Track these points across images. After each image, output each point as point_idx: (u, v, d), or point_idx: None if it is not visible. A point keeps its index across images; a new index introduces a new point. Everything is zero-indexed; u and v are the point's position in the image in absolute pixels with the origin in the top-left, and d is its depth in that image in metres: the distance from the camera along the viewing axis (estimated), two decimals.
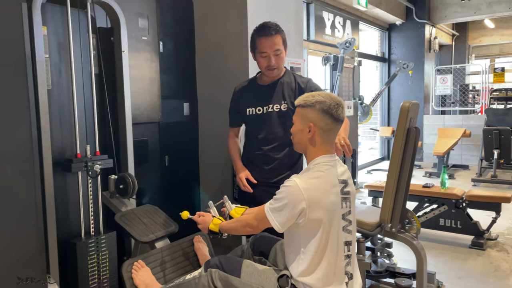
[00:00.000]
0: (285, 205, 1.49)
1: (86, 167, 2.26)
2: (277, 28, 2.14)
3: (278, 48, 2.12)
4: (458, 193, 3.71)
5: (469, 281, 2.95)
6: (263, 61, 2.15)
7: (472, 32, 12.65)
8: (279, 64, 2.15)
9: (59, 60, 2.33)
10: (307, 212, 1.46)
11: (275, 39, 2.11)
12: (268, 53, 2.13)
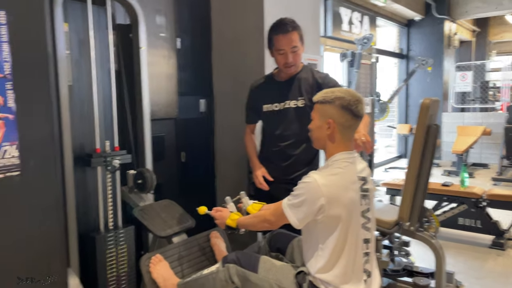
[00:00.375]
0: (304, 201, 1.48)
1: (105, 162, 2.29)
2: (293, 24, 2.13)
3: (295, 45, 2.11)
4: (478, 192, 3.64)
5: (488, 282, 2.90)
6: (281, 58, 2.15)
7: (493, 28, 12.36)
8: (296, 61, 2.14)
9: (80, 56, 2.36)
10: (326, 208, 1.45)
11: (292, 36, 2.11)
12: (285, 50, 2.12)
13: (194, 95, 3.67)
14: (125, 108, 2.52)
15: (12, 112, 1.72)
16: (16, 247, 1.74)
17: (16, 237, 1.75)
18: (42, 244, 1.84)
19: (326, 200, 1.45)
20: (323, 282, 1.50)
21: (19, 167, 1.74)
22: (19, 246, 1.75)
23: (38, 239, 1.83)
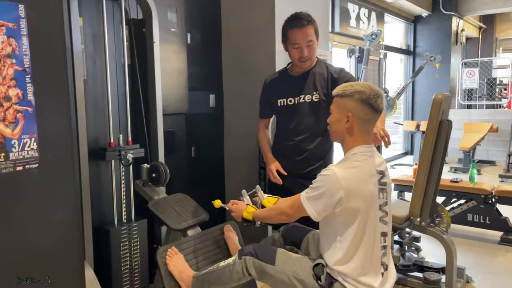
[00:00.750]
0: (323, 193, 1.49)
1: (119, 156, 2.31)
2: (309, 18, 2.13)
3: (311, 39, 2.11)
4: (487, 188, 3.64)
5: (498, 277, 2.90)
6: (296, 52, 2.15)
7: (499, 24, 12.29)
8: (311, 55, 2.15)
9: (94, 51, 2.38)
10: (344, 201, 1.46)
11: (308, 30, 2.10)
12: (300, 45, 2.12)
13: (204, 90, 3.69)
14: (138, 103, 2.53)
15: (31, 105, 1.74)
16: (34, 238, 1.76)
17: (35, 229, 1.77)
18: (59, 236, 1.86)
19: (345, 193, 1.46)
20: (341, 273, 1.51)
21: (37, 160, 1.76)
22: (37, 238, 1.77)
23: (55, 231, 1.85)
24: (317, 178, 1.55)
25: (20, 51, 1.69)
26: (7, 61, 1.65)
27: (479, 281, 2.82)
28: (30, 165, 1.74)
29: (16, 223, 1.66)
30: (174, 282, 1.89)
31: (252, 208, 1.81)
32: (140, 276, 2.55)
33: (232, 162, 3.75)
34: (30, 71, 1.73)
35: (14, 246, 1.65)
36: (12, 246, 1.64)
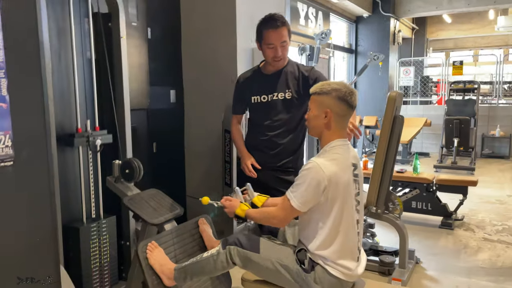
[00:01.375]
0: (309, 184, 1.59)
1: (87, 142, 2.28)
2: (283, 20, 2.23)
3: (285, 40, 2.22)
4: (429, 178, 3.98)
5: (442, 258, 3.22)
6: (270, 52, 2.24)
7: (430, 26, 13.24)
8: (285, 55, 2.25)
9: (59, 45, 2.31)
10: (328, 189, 1.59)
11: (282, 31, 2.21)
12: (275, 45, 2.21)
13: (165, 86, 3.69)
14: (106, 98, 2.50)
15: (5, 101, 1.68)
16: (7, 240, 1.70)
17: (8, 230, 1.72)
18: (34, 236, 1.82)
19: (328, 182, 1.58)
20: (322, 257, 1.64)
21: (12, 157, 1.71)
22: (10, 239, 1.72)
23: (30, 231, 1.80)
24: (301, 173, 1.65)
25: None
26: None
27: (426, 262, 3.10)
28: (5, 163, 1.69)
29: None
30: (155, 275, 1.92)
31: (245, 206, 1.86)
32: (109, 274, 2.53)
33: (193, 158, 3.78)
34: (4, 65, 1.67)
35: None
36: None
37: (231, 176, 3.12)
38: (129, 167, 2.24)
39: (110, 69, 2.53)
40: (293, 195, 1.65)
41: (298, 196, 1.64)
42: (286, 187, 2.21)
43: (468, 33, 13.72)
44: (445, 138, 7.03)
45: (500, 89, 8.58)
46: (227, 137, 3.09)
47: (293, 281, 1.67)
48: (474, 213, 4.30)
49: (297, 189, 1.65)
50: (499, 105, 8.46)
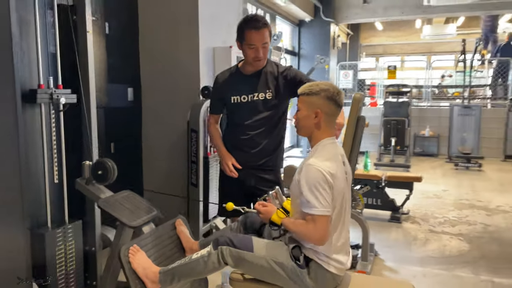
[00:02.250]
0: (319, 187, 1.59)
1: (51, 99, 2.14)
2: (264, 21, 2.25)
3: (266, 41, 2.24)
4: (379, 175, 4.22)
5: (397, 249, 3.44)
6: (251, 52, 2.24)
7: (363, 32, 14.00)
8: (265, 56, 2.27)
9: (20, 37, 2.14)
10: (332, 186, 1.63)
11: (264, 32, 2.22)
12: (256, 46, 2.22)
13: (122, 83, 3.55)
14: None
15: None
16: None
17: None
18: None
19: (331, 178, 1.62)
20: (316, 253, 1.68)
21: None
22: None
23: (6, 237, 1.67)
24: (303, 181, 1.63)
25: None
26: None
27: (383, 254, 3.30)
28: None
29: None
30: (138, 279, 1.85)
31: (282, 213, 1.78)
32: (75, 281, 2.39)
33: (150, 158, 3.68)
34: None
35: None
36: None
37: (198, 176, 3.08)
38: (103, 167, 2.14)
39: (74, 65, 2.39)
40: (311, 206, 1.60)
41: (316, 203, 1.60)
42: (266, 185, 2.25)
43: (397, 40, 14.71)
44: (384, 138, 7.47)
45: (429, 93, 9.30)
46: (193, 136, 3.05)
47: (287, 278, 1.69)
48: (417, 207, 4.63)
49: (311, 199, 1.61)
50: (428, 107, 9.16)
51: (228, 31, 3.94)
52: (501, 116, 8.12)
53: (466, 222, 4.14)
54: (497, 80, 9.18)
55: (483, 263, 3.16)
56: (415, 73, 16.20)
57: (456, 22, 12.24)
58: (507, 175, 6.57)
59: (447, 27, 11.63)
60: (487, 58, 9.95)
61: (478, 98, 9.71)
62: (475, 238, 3.69)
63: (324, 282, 1.69)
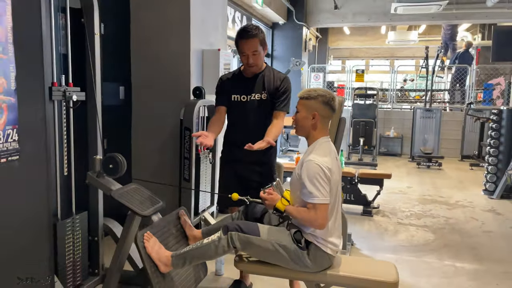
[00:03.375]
0: (319, 178, 1.83)
1: (63, 96, 2.29)
2: (254, 32, 2.47)
3: (256, 49, 2.47)
4: (352, 172, 4.55)
5: (370, 240, 3.76)
6: (244, 59, 2.50)
7: (331, 36, 14.49)
8: (257, 62, 2.50)
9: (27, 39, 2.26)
10: (331, 177, 1.88)
11: (253, 42, 2.45)
12: (247, 54, 2.46)
13: (115, 82, 3.67)
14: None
15: (13, 95, 1.68)
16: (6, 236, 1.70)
17: (15, 225, 1.71)
18: (30, 232, 1.82)
19: (329, 171, 1.88)
20: (314, 237, 1.93)
21: (18, 152, 1.71)
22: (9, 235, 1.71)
23: (28, 227, 1.81)
24: (305, 175, 1.86)
25: (6, 39, 1.64)
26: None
27: (359, 244, 3.61)
28: (12, 156, 1.69)
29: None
30: (152, 263, 2.04)
31: (286, 201, 2.00)
32: (81, 269, 2.53)
33: (140, 155, 3.82)
34: (13, 60, 1.68)
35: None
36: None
37: (190, 172, 3.26)
38: (113, 161, 2.29)
39: (81, 65, 2.53)
40: (313, 196, 1.84)
41: (317, 193, 1.83)
42: (263, 179, 2.49)
43: (362, 44, 15.31)
44: (352, 138, 7.88)
45: (394, 96, 9.83)
46: (186, 134, 3.23)
47: (289, 259, 1.93)
48: (386, 202, 5.01)
49: (312, 190, 1.84)
50: (393, 109, 9.69)
51: (215, 34, 4.15)
52: (459, 119, 8.75)
53: (430, 215, 4.55)
54: (455, 85, 9.84)
55: (446, 250, 3.54)
56: (379, 76, 16.98)
57: (418, 29, 12.94)
58: (465, 174, 7.13)
59: (410, 34, 12.28)
60: (447, 65, 10.62)
61: (437, 102, 10.36)
62: (438, 229, 4.08)
63: (321, 261, 1.94)
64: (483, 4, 8.27)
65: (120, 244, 2.33)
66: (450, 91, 10.24)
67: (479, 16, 8.93)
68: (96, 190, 2.58)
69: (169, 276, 2.10)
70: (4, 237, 1.67)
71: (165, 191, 3.28)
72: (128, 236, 2.30)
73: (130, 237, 2.32)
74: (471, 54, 10.07)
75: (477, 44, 11.20)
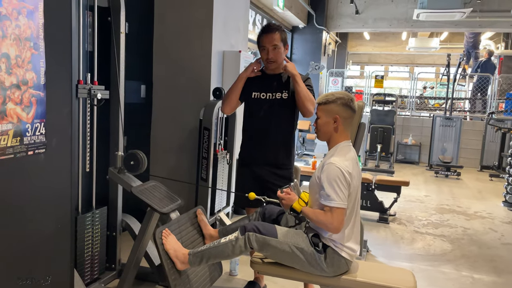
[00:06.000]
0: (339, 182, 1.83)
1: (89, 94, 2.34)
2: (277, 27, 2.48)
3: (276, 43, 2.46)
4: (369, 178, 4.52)
5: (386, 247, 3.72)
6: (263, 54, 2.49)
7: (351, 41, 14.42)
8: (276, 58, 2.48)
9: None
10: (351, 182, 1.88)
11: (274, 35, 2.45)
12: (266, 47, 2.46)
13: (136, 81, 3.72)
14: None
15: (43, 89, 1.72)
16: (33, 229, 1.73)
17: (39, 217, 1.75)
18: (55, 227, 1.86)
19: (349, 175, 1.87)
20: (332, 241, 1.92)
21: (45, 145, 1.75)
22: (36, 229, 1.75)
23: (52, 222, 1.85)
24: (324, 177, 1.86)
25: (37, 34, 1.68)
26: (26, 44, 1.63)
27: (374, 251, 3.58)
28: (39, 149, 1.73)
29: (19, 210, 1.65)
30: (169, 259, 2.06)
31: (303, 202, 2.01)
32: (99, 263, 2.57)
33: (159, 154, 3.86)
34: (44, 55, 1.72)
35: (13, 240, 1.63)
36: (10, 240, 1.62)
37: (208, 172, 3.29)
38: (134, 158, 2.33)
39: (105, 63, 2.58)
40: (330, 199, 1.83)
41: (335, 197, 1.83)
42: (281, 181, 2.49)
43: (382, 50, 15.20)
44: (370, 144, 7.82)
45: (413, 103, 9.72)
46: (205, 134, 3.25)
47: (306, 262, 1.93)
48: (402, 210, 4.95)
49: (330, 193, 1.84)
50: (412, 117, 9.58)
51: (236, 36, 4.17)
52: (479, 129, 8.60)
53: (447, 225, 4.48)
54: (477, 94, 9.68)
55: (464, 261, 3.48)
56: (397, 83, 16.81)
57: (440, 36, 12.78)
58: (484, 184, 7.00)
59: (432, 41, 12.14)
60: (469, 73, 10.46)
61: (457, 110, 10.20)
62: (456, 240, 4.02)
63: (338, 266, 1.94)
64: (507, 13, 8.12)
65: (138, 240, 2.36)
66: (471, 99, 10.08)
67: (503, 25, 8.78)
68: (116, 186, 2.62)
69: (186, 274, 2.12)
70: (28, 228, 1.71)
71: (181, 190, 3.32)
72: (146, 232, 2.34)
73: (148, 233, 2.36)
74: (493, 63, 9.90)
75: (500, 53, 10.99)
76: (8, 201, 1.60)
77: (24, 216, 1.68)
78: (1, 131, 1.53)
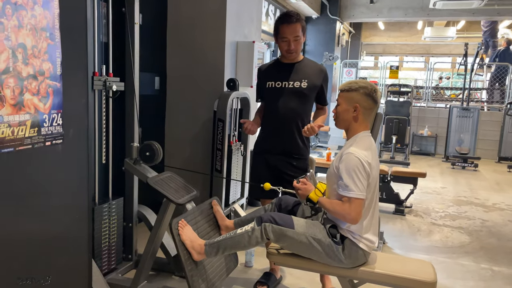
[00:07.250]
0: (358, 172, 1.79)
1: (104, 86, 2.35)
2: (297, 17, 2.45)
3: (298, 34, 2.43)
4: (385, 169, 4.46)
5: (403, 239, 3.68)
6: (284, 45, 2.45)
7: (365, 31, 14.20)
8: (297, 49, 2.46)
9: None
10: (370, 172, 1.85)
11: (296, 26, 2.42)
12: (288, 39, 2.43)
13: (151, 72, 3.72)
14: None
15: (59, 80, 1.72)
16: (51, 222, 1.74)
17: (57, 207, 1.76)
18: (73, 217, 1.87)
19: (369, 165, 1.84)
20: (350, 232, 1.90)
21: (62, 136, 1.75)
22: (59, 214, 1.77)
23: (72, 209, 1.86)
24: (343, 166, 1.83)
25: (53, 24, 1.67)
26: (42, 34, 1.62)
27: (391, 243, 3.54)
28: (56, 140, 1.74)
29: (37, 201, 1.66)
30: (186, 250, 2.06)
31: (319, 192, 1.98)
32: (116, 253, 2.59)
33: (173, 145, 3.87)
34: (59, 45, 1.71)
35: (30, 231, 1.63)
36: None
37: (222, 163, 3.28)
38: (150, 149, 2.33)
39: (120, 55, 2.57)
40: (349, 189, 1.80)
41: (353, 187, 1.80)
42: (296, 171, 2.46)
43: (397, 40, 14.93)
44: (385, 135, 7.73)
45: (429, 93, 9.56)
46: (220, 125, 3.24)
47: (324, 253, 1.91)
48: (419, 202, 4.88)
49: (349, 183, 1.80)
50: (427, 108, 9.43)
51: (250, 26, 4.13)
52: (497, 120, 8.42)
53: (465, 217, 4.41)
54: (494, 84, 9.47)
55: (483, 253, 3.42)
56: (412, 73, 16.54)
57: (457, 25, 12.50)
58: (502, 176, 6.87)
59: (448, 30, 11.87)
60: (486, 63, 10.22)
61: (475, 101, 10.00)
62: (474, 232, 3.95)
63: (356, 257, 1.91)
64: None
65: (155, 230, 2.37)
66: (489, 90, 9.87)
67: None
68: (132, 177, 2.63)
69: (202, 264, 2.12)
70: (47, 218, 1.72)
71: (196, 182, 3.31)
72: (162, 223, 2.34)
73: (164, 224, 2.36)
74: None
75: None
76: (26, 191, 1.61)
77: (42, 207, 1.69)
78: (19, 121, 1.53)
